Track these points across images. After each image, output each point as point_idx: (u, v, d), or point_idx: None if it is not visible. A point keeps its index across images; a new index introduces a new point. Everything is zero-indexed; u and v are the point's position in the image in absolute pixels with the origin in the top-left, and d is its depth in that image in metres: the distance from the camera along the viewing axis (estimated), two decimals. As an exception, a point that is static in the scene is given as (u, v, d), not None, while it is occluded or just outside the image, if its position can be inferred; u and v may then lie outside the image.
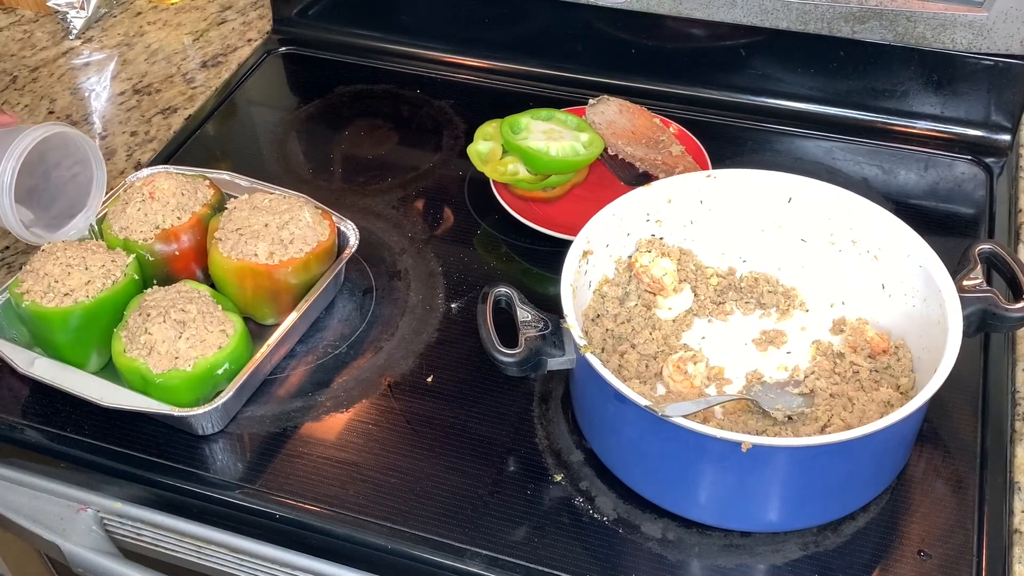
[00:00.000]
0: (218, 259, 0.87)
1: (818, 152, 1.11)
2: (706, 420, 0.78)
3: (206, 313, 0.83)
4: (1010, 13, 1.00)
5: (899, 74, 1.09)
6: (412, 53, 1.26)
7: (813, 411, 0.78)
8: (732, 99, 1.16)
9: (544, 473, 0.80)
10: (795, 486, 0.73)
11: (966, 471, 0.79)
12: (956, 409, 0.83)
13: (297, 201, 0.91)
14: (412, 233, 1.02)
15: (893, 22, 1.05)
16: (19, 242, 0.99)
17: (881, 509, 0.77)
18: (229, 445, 0.83)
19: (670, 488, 0.75)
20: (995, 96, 1.07)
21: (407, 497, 0.79)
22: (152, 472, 0.82)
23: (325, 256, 0.89)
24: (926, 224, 0.90)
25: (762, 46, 1.12)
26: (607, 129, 1.04)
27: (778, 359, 0.85)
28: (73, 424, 0.85)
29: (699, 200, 0.89)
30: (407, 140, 1.16)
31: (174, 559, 0.86)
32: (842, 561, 0.74)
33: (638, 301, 0.87)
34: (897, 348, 0.82)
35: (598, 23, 1.16)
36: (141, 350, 0.81)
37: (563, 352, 0.77)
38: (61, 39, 1.31)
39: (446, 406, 0.85)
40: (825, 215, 0.87)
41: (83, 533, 0.86)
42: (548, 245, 0.98)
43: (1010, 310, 0.77)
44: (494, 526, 0.76)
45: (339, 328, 0.93)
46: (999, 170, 1.07)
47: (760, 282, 0.89)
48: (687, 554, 0.75)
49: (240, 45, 1.29)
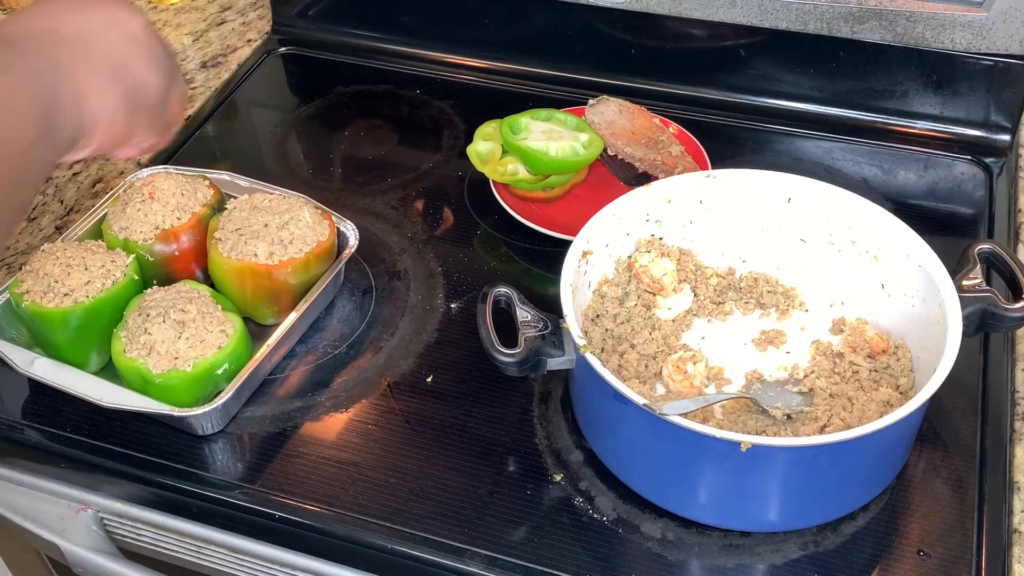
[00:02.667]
0: (218, 259, 0.87)
1: (818, 152, 1.11)
2: (705, 420, 0.78)
3: (206, 313, 0.83)
4: (1010, 13, 1.00)
5: (899, 74, 1.09)
6: (412, 53, 1.26)
7: (812, 411, 0.78)
8: (732, 99, 1.16)
9: (544, 473, 0.80)
10: (795, 486, 0.73)
11: (966, 471, 0.79)
12: (956, 409, 0.83)
13: (297, 201, 0.91)
14: (412, 233, 1.02)
15: (893, 22, 1.05)
16: (19, 242, 0.99)
17: (881, 509, 0.77)
18: (229, 445, 0.83)
19: (669, 488, 0.76)
20: (995, 96, 1.07)
21: (407, 497, 0.79)
22: (152, 472, 0.82)
23: (325, 256, 0.89)
24: (925, 224, 0.90)
25: (762, 46, 1.12)
26: (607, 129, 1.04)
27: (778, 359, 0.85)
28: (73, 424, 0.85)
29: (699, 200, 0.89)
30: (407, 140, 1.16)
31: (174, 559, 0.86)
32: (842, 561, 0.74)
33: (638, 301, 0.87)
34: (897, 348, 0.82)
35: (598, 23, 1.16)
36: (141, 350, 0.81)
37: (563, 352, 0.77)
38: (61, 39, 1.31)
39: (446, 406, 0.85)
40: (824, 215, 0.87)
41: (83, 533, 0.86)
42: (548, 245, 0.98)
43: (1009, 310, 0.77)
44: (494, 526, 0.76)
45: (339, 328, 0.93)
46: (999, 170, 1.07)
47: (760, 282, 0.89)
48: (687, 554, 0.75)
49: (240, 45, 1.29)
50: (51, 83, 0.58)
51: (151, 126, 0.68)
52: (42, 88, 0.57)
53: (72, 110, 0.59)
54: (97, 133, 0.63)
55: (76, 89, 0.60)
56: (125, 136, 0.66)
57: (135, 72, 0.65)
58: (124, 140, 0.66)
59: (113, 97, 0.63)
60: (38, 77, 0.57)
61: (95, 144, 0.63)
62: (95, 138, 0.63)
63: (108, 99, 0.63)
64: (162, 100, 0.69)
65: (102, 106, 0.62)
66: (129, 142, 0.67)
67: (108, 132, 0.64)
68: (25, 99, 0.55)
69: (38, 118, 0.56)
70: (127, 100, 0.64)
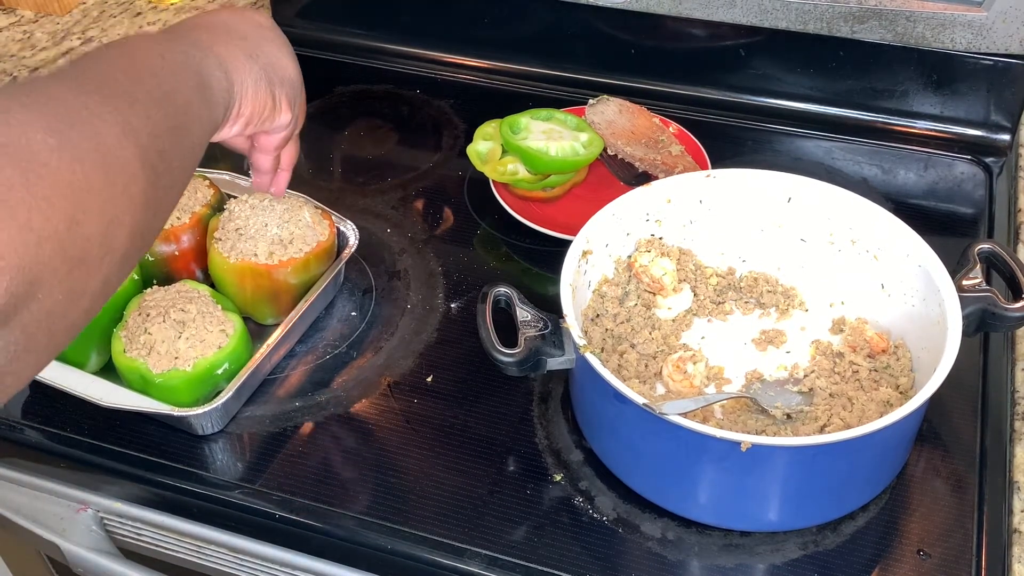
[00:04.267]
0: (218, 259, 0.87)
1: (818, 152, 1.11)
2: (705, 420, 0.78)
3: (206, 313, 0.83)
4: (1009, 13, 1.00)
5: (899, 74, 1.09)
6: (412, 53, 1.26)
7: (812, 411, 0.78)
8: (732, 99, 1.16)
9: (544, 473, 0.80)
10: (794, 486, 0.73)
11: (966, 471, 0.79)
12: (956, 409, 0.83)
13: (297, 201, 0.91)
14: (412, 233, 1.02)
15: (893, 22, 1.05)
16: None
17: (881, 509, 0.77)
18: (229, 445, 0.83)
19: (670, 488, 0.76)
20: (995, 96, 1.07)
21: (407, 497, 0.79)
22: (152, 472, 0.82)
23: (325, 256, 0.89)
24: (925, 224, 0.90)
25: (762, 46, 1.12)
26: (607, 129, 1.04)
27: (778, 359, 0.85)
28: (73, 424, 0.85)
29: (699, 200, 0.89)
30: (407, 140, 1.16)
31: (174, 559, 0.86)
32: (842, 561, 0.74)
33: (638, 301, 0.87)
34: (896, 348, 0.82)
35: (598, 23, 1.16)
36: (141, 350, 0.81)
37: (563, 352, 0.77)
38: (61, 39, 1.31)
39: (446, 406, 0.85)
40: (824, 215, 0.87)
41: (83, 533, 0.86)
42: (548, 245, 0.98)
43: (1009, 310, 0.77)
44: (494, 526, 0.76)
45: (339, 328, 0.93)
46: (998, 170, 1.07)
47: (760, 282, 0.89)
48: (687, 554, 0.75)
49: (240, 45, 1.28)
50: (199, 54, 0.64)
51: (291, 105, 0.74)
52: (192, 56, 0.63)
53: (219, 73, 0.65)
54: (247, 99, 0.69)
55: (220, 59, 0.66)
56: (271, 109, 0.72)
57: (268, 52, 0.72)
58: (271, 114, 0.73)
59: (252, 68, 0.69)
60: (187, 48, 0.63)
61: (247, 111, 0.70)
62: (246, 104, 0.69)
63: (249, 68, 0.69)
64: (298, 80, 0.76)
65: (245, 74, 0.69)
66: (276, 118, 0.74)
67: (255, 101, 0.70)
68: (178, 58, 0.61)
69: (192, 75, 0.62)
70: (266, 73, 0.71)
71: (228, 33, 0.69)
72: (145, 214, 0.53)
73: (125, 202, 0.51)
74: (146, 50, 0.60)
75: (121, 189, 0.51)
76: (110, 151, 0.51)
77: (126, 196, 0.51)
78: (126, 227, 0.51)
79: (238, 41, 0.69)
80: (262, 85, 0.70)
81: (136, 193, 0.52)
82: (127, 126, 0.53)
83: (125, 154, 0.52)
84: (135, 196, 0.52)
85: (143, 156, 0.53)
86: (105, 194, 0.50)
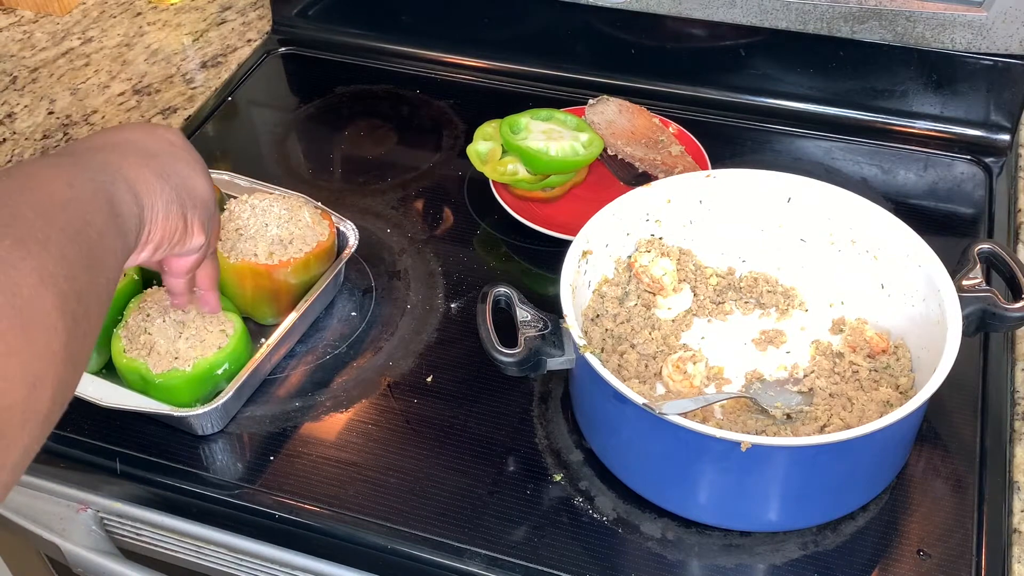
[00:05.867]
0: (218, 259, 0.87)
1: (817, 152, 1.11)
2: (705, 420, 0.78)
3: (206, 313, 0.83)
4: (1009, 13, 1.00)
5: (899, 74, 1.09)
6: (412, 53, 1.26)
7: (812, 411, 0.78)
8: (732, 99, 1.16)
9: (544, 473, 0.80)
10: (794, 486, 0.73)
11: (966, 471, 0.79)
12: (956, 409, 0.83)
13: (297, 201, 0.91)
14: (412, 233, 1.02)
15: (893, 22, 1.05)
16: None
17: (881, 509, 0.77)
18: (229, 445, 0.83)
19: (669, 488, 0.76)
20: (994, 96, 1.07)
21: (407, 497, 0.79)
22: (152, 472, 0.82)
23: (325, 256, 0.89)
24: (925, 224, 0.90)
25: (761, 46, 1.12)
26: (606, 129, 1.04)
27: (777, 359, 0.85)
28: (73, 424, 0.85)
29: (699, 200, 0.89)
30: (407, 140, 1.16)
31: (174, 559, 0.86)
32: (842, 561, 0.74)
33: (637, 301, 0.87)
34: (896, 348, 0.82)
35: (598, 23, 1.16)
36: (141, 350, 0.81)
37: (563, 352, 0.77)
38: (61, 39, 1.31)
39: (446, 406, 0.85)
40: (824, 215, 0.87)
41: (83, 533, 0.86)
42: (548, 245, 0.98)
43: (1009, 310, 0.77)
44: (493, 526, 0.76)
45: (339, 328, 0.93)
46: (998, 170, 1.07)
47: (760, 282, 0.89)
48: (687, 554, 0.75)
49: (240, 45, 1.29)
50: (107, 178, 0.60)
51: (204, 228, 0.70)
52: (100, 182, 0.58)
53: (128, 197, 0.61)
54: (157, 224, 0.64)
55: (129, 182, 0.62)
56: (182, 233, 0.68)
57: (179, 171, 0.67)
58: (182, 238, 0.68)
59: (164, 189, 0.65)
60: (95, 174, 0.59)
61: (157, 236, 0.65)
62: (156, 229, 0.65)
63: (160, 189, 0.64)
64: (212, 200, 0.71)
65: (156, 196, 0.64)
66: (188, 241, 0.69)
67: (166, 225, 0.65)
68: (87, 186, 0.57)
69: (103, 203, 0.57)
70: (178, 195, 0.66)
71: (137, 152, 0.65)
72: (67, 369, 0.48)
73: (47, 359, 0.46)
74: (51, 179, 0.54)
75: (43, 346, 0.46)
76: (28, 304, 0.45)
77: (48, 353, 0.46)
78: (49, 387, 0.46)
79: (148, 160, 0.65)
80: (173, 208, 0.65)
81: (58, 348, 0.47)
82: (43, 272, 0.47)
83: (44, 305, 0.46)
84: (57, 352, 0.47)
85: (63, 304, 0.48)
86: (25, 355, 0.45)
